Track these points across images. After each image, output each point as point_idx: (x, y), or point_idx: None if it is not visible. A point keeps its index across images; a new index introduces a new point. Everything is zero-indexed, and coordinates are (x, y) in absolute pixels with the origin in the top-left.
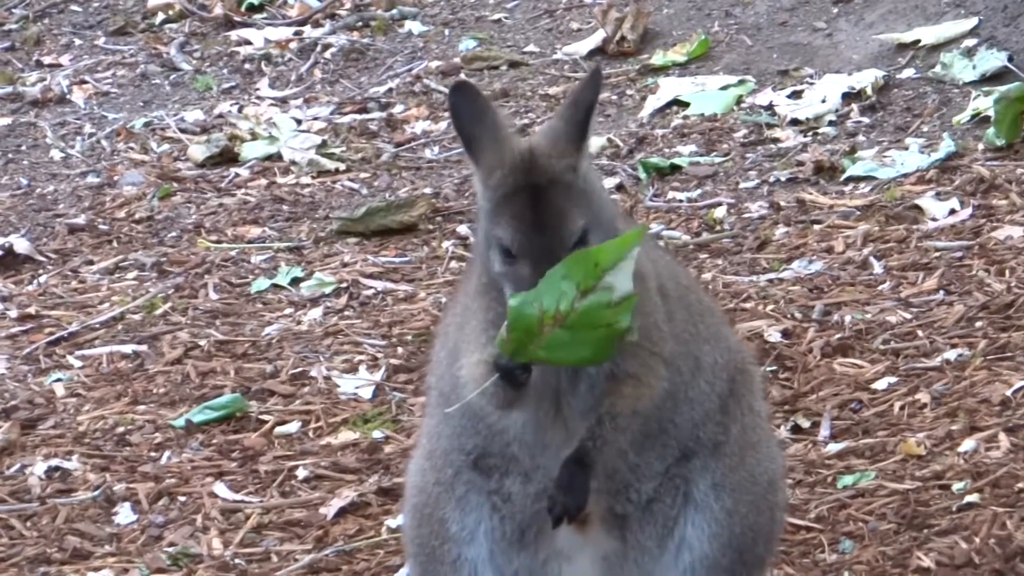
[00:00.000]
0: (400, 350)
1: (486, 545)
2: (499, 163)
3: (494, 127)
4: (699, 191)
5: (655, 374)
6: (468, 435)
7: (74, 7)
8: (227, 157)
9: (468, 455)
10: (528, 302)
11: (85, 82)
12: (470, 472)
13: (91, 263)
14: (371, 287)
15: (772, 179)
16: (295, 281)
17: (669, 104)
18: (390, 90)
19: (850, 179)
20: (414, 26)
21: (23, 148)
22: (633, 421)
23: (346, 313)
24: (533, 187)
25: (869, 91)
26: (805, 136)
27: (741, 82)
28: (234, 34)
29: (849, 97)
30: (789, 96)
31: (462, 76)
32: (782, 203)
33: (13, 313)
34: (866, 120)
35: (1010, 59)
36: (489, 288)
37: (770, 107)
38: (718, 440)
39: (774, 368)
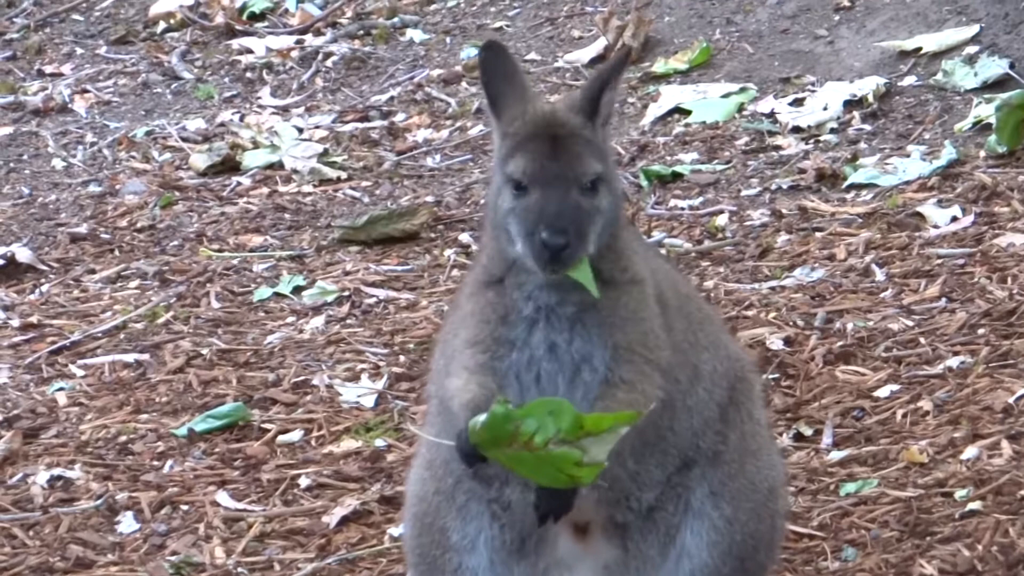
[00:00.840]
0: (402, 358)
1: (486, 554)
2: (521, 114)
3: (520, 86)
4: (701, 199)
5: (650, 381)
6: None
7: (76, 16)
8: (229, 166)
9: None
10: (511, 417)
11: (87, 91)
12: (470, 481)
13: (93, 272)
14: (373, 295)
15: (774, 187)
16: (297, 290)
17: (671, 112)
18: (392, 98)
19: (852, 186)
20: (415, 34)
21: (25, 157)
22: (627, 434)
23: (348, 321)
24: (552, 135)
25: (871, 98)
26: (807, 144)
27: (743, 90)
28: (235, 43)
29: (851, 104)
30: (791, 104)
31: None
32: (784, 211)
33: (15, 322)
34: (868, 127)
35: (1011, 66)
36: (484, 287)
37: (772, 115)
38: (718, 449)
39: (776, 376)
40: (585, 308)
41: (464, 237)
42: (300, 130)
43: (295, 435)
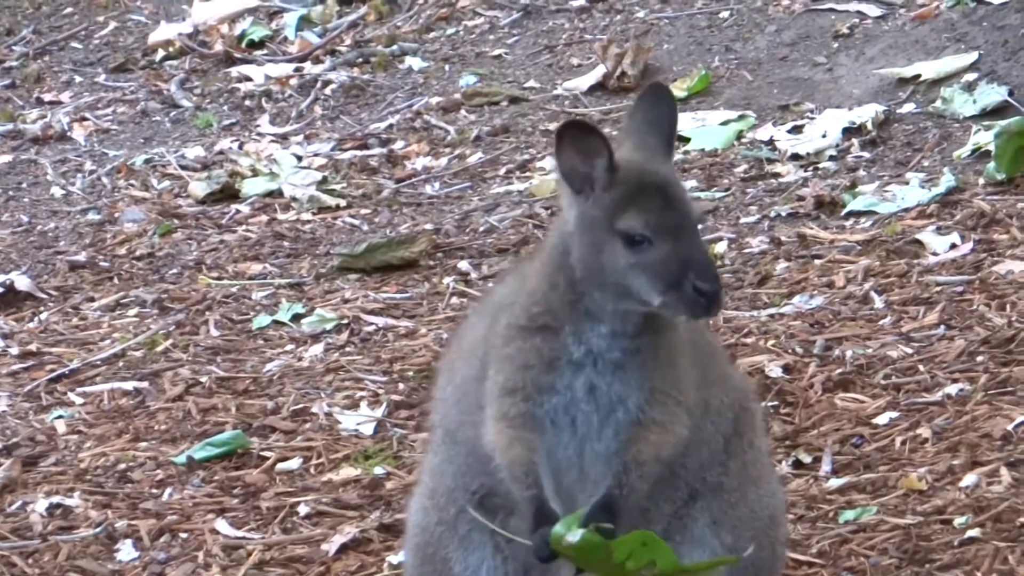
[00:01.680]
0: (401, 386)
1: None
2: (611, 169)
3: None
4: (700, 226)
5: (679, 422)
6: (474, 474)
7: (74, 44)
8: (228, 194)
9: (473, 494)
10: (603, 545)
11: (86, 119)
12: (475, 511)
13: (92, 300)
14: (372, 323)
15: (773, 214)
16: (296, 317)
17: None
18: (390, 126)
19: (851, 214)
20: (414, 62)
21: (24, 185)
22: (657, 467)
23: (347, 349)
24: (656, 185)
25: (870, 126)
26: (806, 171)
27: (741, 117)
28: (234, 70)
29: (850, 132)
30: (790, 131)
31: (470, 110)
32: (783, 238)
33: (14, 350)
34: (867, 155)
35: (1010, 93)
36: (529, 333)
37: (771, 142)
38: (719, 480)
39: (775, 403)
40: (629, 353)
41: (463, 265)
42: (299, 158)
43: (294, 463)
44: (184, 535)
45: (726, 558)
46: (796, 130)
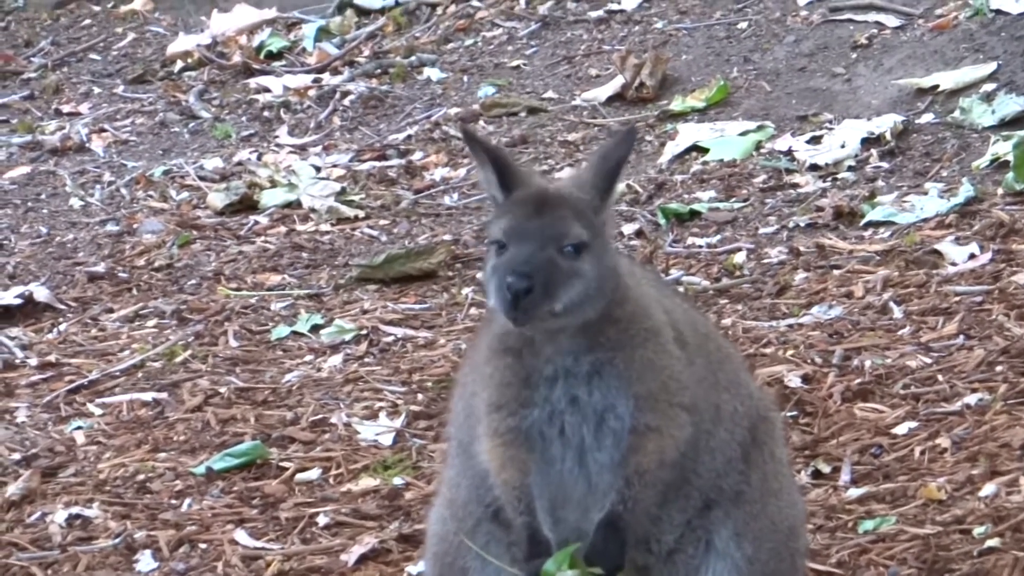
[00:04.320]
0: (420, 396)
1: None
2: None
3: (529, 173)
4: (718, 236)
5: (677, 423)
6: (487, 488)
7: (93, 56)
8: (246, 204)
9: (487, 507)
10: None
11: (104, 130)
12: (489, 524)
13: (111, 311)
14: (391, 334)
15: (791, 224)
16: (315, 328)
17: (688, 150)
18: (409, 137)
19: (869, 224)
20: (432, 73)
21: (43, 196)
22: (661, 474)
23: (366, 360)
24: (541, 199)
25: (888, 136)
26: (824, 181)
27: (760, 128)
28: (253, 82)
29: (868, 142)
30: (808, 141)
31: (489, 121)
32: (801, 248)
33: (33, 361)
34: (885, 165)
35: None
36: (500, 353)
37: (789, 152)
38: (740, 489)
39: (794, 413)
40: (601, 364)
41: (482, 275)
42: (318, 169)
43: (313, 473)
44: (203, 545)
45: None
46: (815, 140)
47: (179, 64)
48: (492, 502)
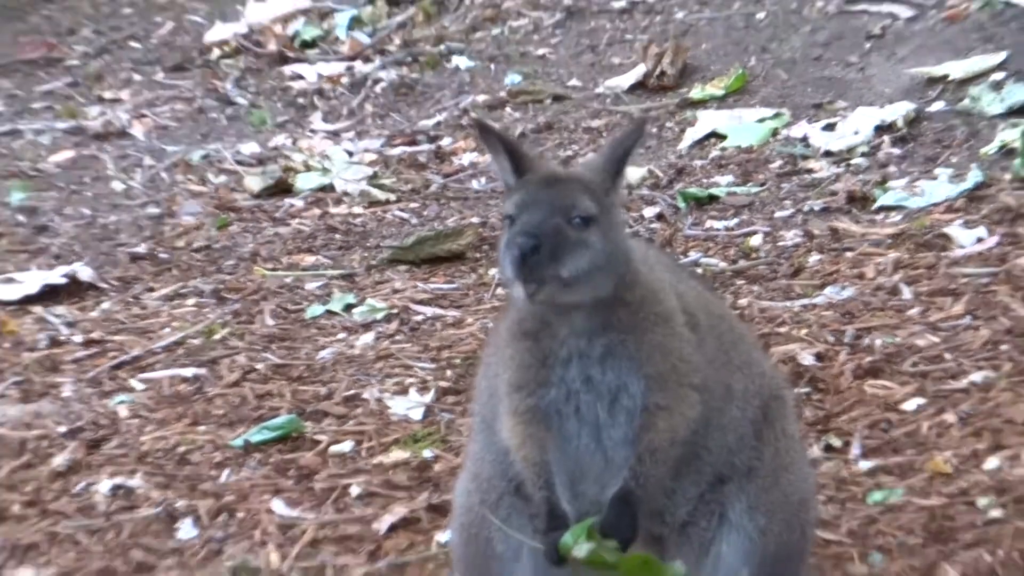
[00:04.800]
0: (449, 373)
1: (530, 565)
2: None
3: (541, 155)
4: (736, 220)
5: (687, 403)
6: (509, 464)
7: (133, 44)
8: (282, 188)
9: (510, 482)
10: (608, 563)
11: (145, 116)
12: (512, 497)
13: (152, 290)
14: (421, 313)
15: (806, 208)
16: (348, 307)
17: (707, 136)
18: (438, 123)
19: (881, 208)
20: (461, 61)
21: (86, 180)
22: (672, 451)
23: (397, 338)
24: (553, 177)
25: (900, 123)
26: (838, 167)
27: (777, 115)
28: (288, 69)
29: (881, 129)
30: (823, 128)
31: (515, 109)
32: (815, 231)
33: (78, 338)
34: (897, 151)
35: None
36: (519, 336)
37: (804, 139)
38: (752, 464)
39: (807, 390)
40: (613, 346)
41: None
42: (350, 154)
43: (346, 446)
44: (241, 514)
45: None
46: (829, 128)
47: (216, 52)
48: (514, 477)
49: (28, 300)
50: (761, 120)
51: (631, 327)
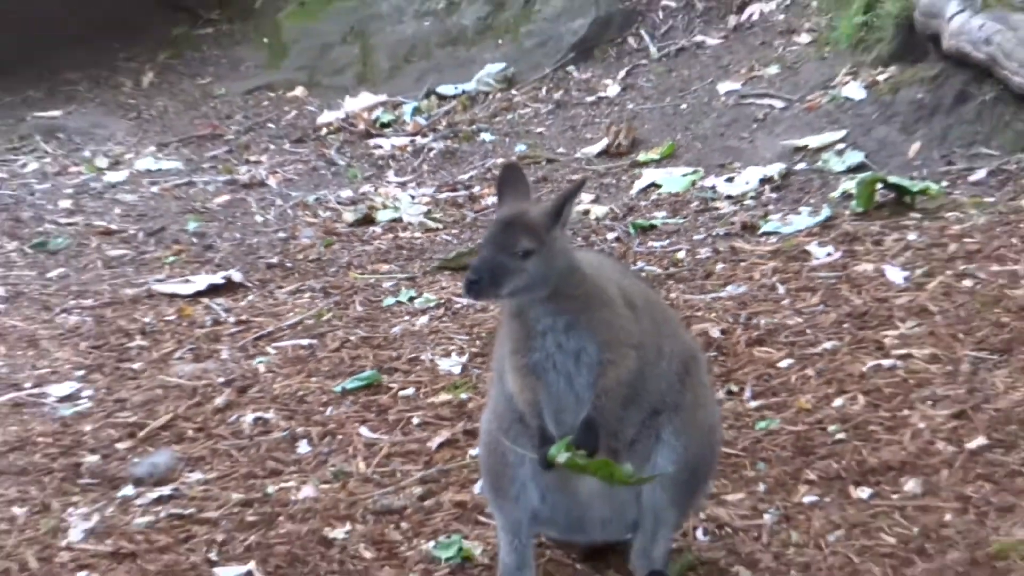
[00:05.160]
0: (478, 342)
1: (530, 468)
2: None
3: (523, 194)
4: (667, 241)
5: (629, 358)
6: (514, 403)
7: (270, 125)
8: (367, 220)
9: (516, 414)
10: (581, 466)
11: (276, 172)
12: (518, 425)
13: (281, 287)
14: (459, 303)
15: (714, 233)
16: (411, 299)
17: (649, 186)
18: (471, 177)
19: (764, 233)
20: (486, 136)
21: (237, 215)
22: (620, 391)
23: (443, 319)
24: (505, 219)
25: (776, 177)
26: (735, 206)
27: (695, 171)
28: (371, 141)
29: (764, 181)
30: (725, 180)
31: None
32: (720, 248)
33: (232, 319)
34: (774, 196)
35: (866, 156)
36: (512, 316)
37: (713, 187)
38: (677, 402)
39: (715, 354)
40: (572, 322)
41: None
42: (413, 197)
43: (410, 391)
44: (340, 436)
45: (653, 475)
46: (730, 180)
47: (325, 130)
48: (518, 411)
49: (199, 294)
50: (684, 175)
51: (583, 309)
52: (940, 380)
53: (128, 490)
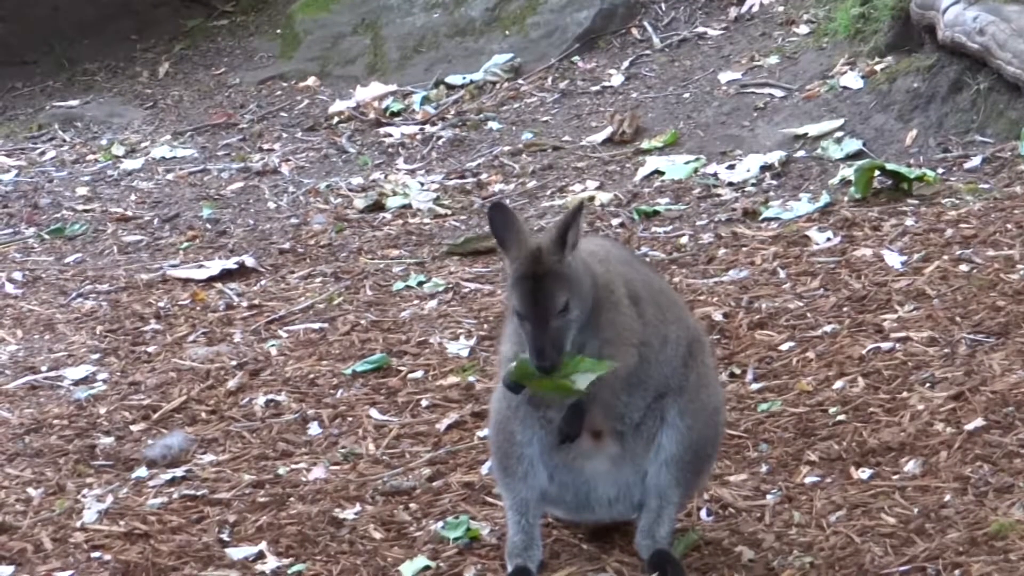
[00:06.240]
0: (485, 326)
1: (538, 447)
2: (518, 256)
3: (517, 232)
4: (671, 227)
5: (628, 355)
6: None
7: (282, 113)
8: (378, 206)
9: (524, 395)
10: (528, 366)
11: (289, 160)
12: (526, 406)
13: (293, 272)
14: (467, 287)
15: (716, 219)
16: (420, 283)
17: (652, 173)
18: (479, 164)
19: (765, 219)
20: (494, 124)
21: (250, 202)
22: (616, 383)
23: (452, 303)
24: (534, 275)
25: (776, 164)
26: (737, 192)
27: (697, 159)
28: (382, 130)
29: (764, 168)
30: (727, 168)
31: (528, 157)
32: (722, 234)
33: (245, 304)
34: (775, 183)
35: (864, 144)
36: (516, 313)
37: (715, 175)
38: (682, 384)
39: (718, 337)
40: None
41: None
42: (422, 184)
43: (419, 374)
44: (350, 419)
45: (600, 363)
46: (731, 167)
47: (336, 119)
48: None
49: (212, 279)
50: (687, 162)
51: (590, 312)
52: (938, 362)
53: (142, 471)
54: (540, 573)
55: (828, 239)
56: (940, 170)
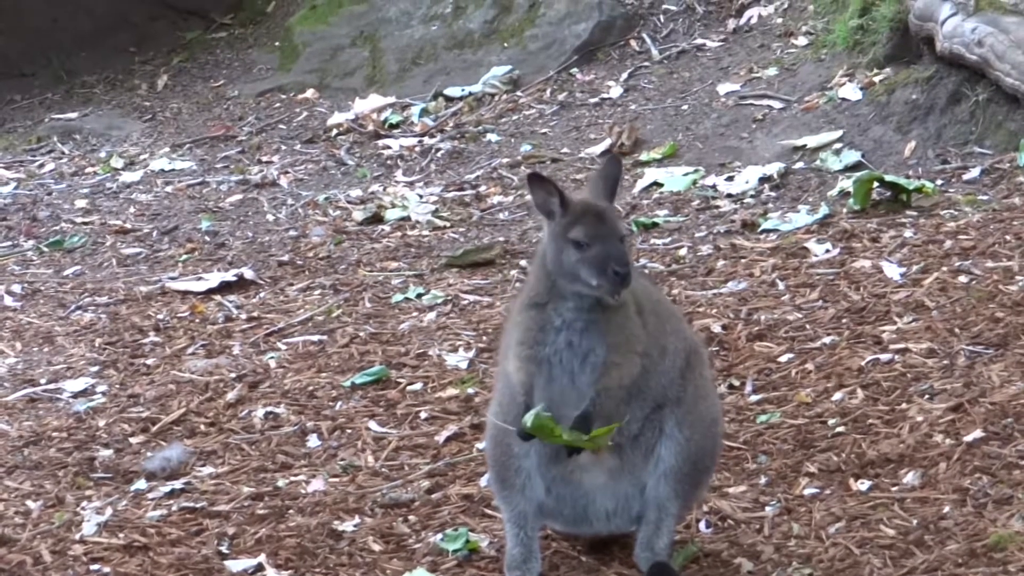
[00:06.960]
0: (484, 338)
1: (535, 460)
2: (569, 203)
3: (560, 192)
4: (670, 238)
5: (632, 362)
6: (518, 397)
7: (281, 126)
8: (377, 218)
9: (521, 406)
10: (548, 425)
11: (288, 172)
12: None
13: (292, 284)
14: (466, 299)
15: (715, 231)
16: (419, 295)
17: (651, 184)
18: (478, 176)
19: (764, 231)
20: (493, 136)
21: (249, 214)
22: (620, 392)
23: (451, 315)
24: (597, 211)
25: (775, 176)
26: (736, 204)
27: (696, 171)
28: (380, 142)
29: (763, 180)
30: (726, 179)
31: (528, 168)
32: (721, 246)
33: (244, 316)
34: (774, 194)
35: (863, 156)
36: (529, 308)
37: (714, 186)
38: (680, 396)
39: (717, 348)
40: (590, 322)
41: (523, 263)
42: (421, 196)
43: (418, 386)
44: (349, 431)
45: (607, 428)
46: (730, 179)
47: (335, 131)
48: (522, 402)
49: (211, 291)
50: (686, 174)
51: (602, 311)
52: (937, 374)
53: (141, 484)
54: None
55: (827, 251)
56: (939, 181)
